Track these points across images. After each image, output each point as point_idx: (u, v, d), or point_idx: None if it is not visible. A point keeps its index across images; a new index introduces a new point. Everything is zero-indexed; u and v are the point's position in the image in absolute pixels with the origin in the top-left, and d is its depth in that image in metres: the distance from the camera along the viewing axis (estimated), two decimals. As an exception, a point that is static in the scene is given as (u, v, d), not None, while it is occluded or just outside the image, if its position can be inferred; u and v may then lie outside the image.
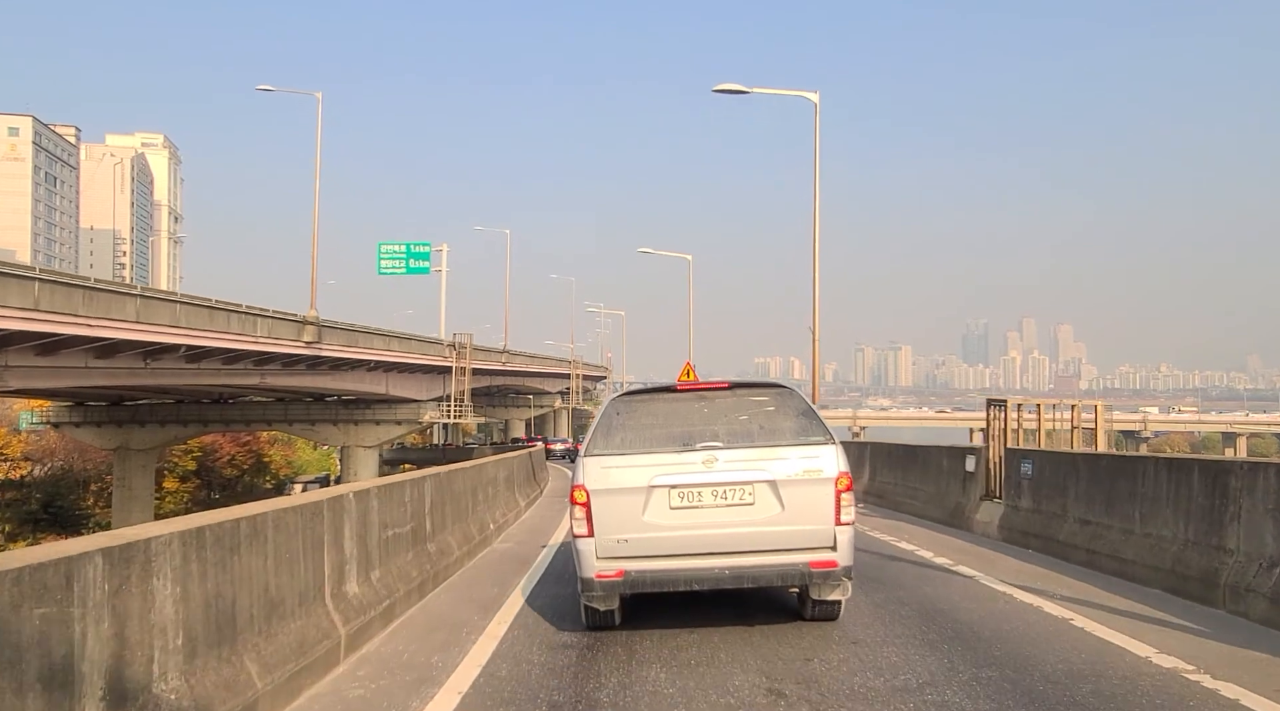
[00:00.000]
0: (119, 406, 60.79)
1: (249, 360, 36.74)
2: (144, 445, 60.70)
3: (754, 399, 6.40)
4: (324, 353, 40.10)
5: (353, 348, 43.19)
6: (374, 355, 46.38)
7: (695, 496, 5.85)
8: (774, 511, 5.82)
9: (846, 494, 5.87)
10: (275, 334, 35.67)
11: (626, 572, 5.83)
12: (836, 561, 5.84)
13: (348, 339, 42.52)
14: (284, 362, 40.12)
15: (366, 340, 44.89)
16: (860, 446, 19.19)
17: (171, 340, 28.77)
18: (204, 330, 30.52)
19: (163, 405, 60.22)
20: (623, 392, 6.71)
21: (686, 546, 5.84)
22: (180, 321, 28.82)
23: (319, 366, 43.51)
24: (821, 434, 6.11)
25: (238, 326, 32.83)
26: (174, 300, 28.89)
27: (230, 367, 36.26)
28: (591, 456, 6.04)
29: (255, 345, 34.56)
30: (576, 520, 5.98)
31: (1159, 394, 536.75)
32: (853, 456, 17.20)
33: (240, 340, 33.35)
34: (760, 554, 5.83)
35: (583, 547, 5.94)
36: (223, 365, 35.81)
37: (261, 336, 34.56)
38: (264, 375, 39.52)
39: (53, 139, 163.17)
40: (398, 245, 58.31)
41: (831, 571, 5.84)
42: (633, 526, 5.84)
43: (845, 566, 5.90)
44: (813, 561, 5.80)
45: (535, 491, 20.12)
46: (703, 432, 6.08)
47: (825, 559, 5.81)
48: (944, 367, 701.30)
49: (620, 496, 5.88)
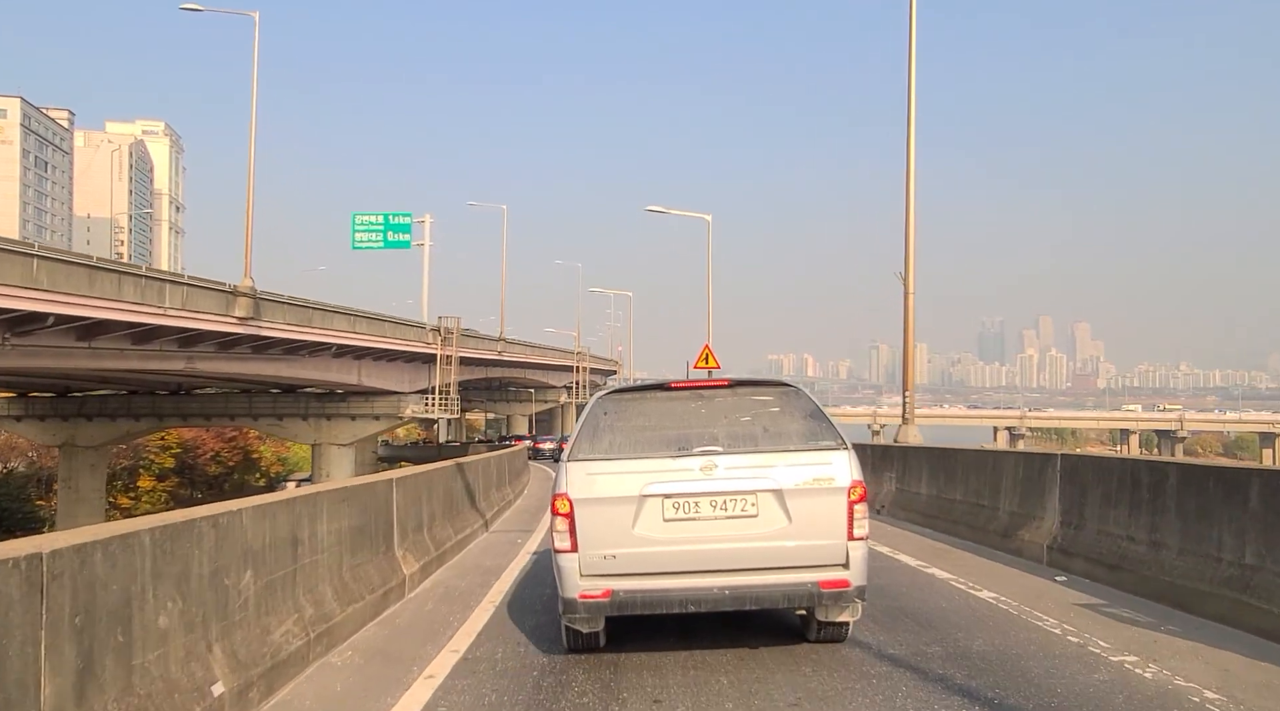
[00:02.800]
0: (65, 399, 54.76)
1: (165, 339, 29.71)
2: (91, 441, 54.53)
3: (757, 398, 5.77)
4: (265, 332, 33.08)
5: (305, 328, 36.14)
6: (336, 337, 39.33)
7: (692, 507, 5.27)
8: (779, 524, 5.25)
9: (860, 505, 5.30)
10: (193, 306, 28.64)
11: (614, 592, 5.22)
12: (849, 581, 5.23)
13: (298, 316, 35.48)
14: (219, 344, 33.14)
15: (324, 320, 37.83)
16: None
17: (29, 306, 21.68)
18: (82, 297, 23.45)
19: (113, 397, 54.35)
20: (610, 390, 6.00)
21: (682, 563, 5.24)
22: (41, 282, 21.76)
23: (268, 350, 36.51)
24: (832, 437, 5.46)
25: (134, 294, 25.75)
26: (30, 253, 21.80)
27: (140, 348, 29.26)
28: (575, 461, 5.42)
29: (164, 319, 27.52)
30: (558, 533, 5.33)
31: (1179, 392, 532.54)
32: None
33: (139, 311, 26.28)
34: (764, 572, 5.23)
35: (564, 564, 5.30)
36: (131, 345, 28.80)
37: (172, 308, 27.53)
38: (191, 359, 32.55)
39: (43, 122, 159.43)
40: (374, 216, 51.25)
41: (843, 592, 5.25)
42: (621, 540, 5.24)
43: (859, 586, 5.30)
44: (823, 581, 5.21)
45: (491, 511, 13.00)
46: (700, 435, 5.48)
47: (836, 578, 5.22)
48: (960, 365, 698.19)
49: (607, 507, 5.28)
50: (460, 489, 11.36)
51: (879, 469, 14.27)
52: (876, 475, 14.36)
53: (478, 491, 12.84)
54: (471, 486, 12.15)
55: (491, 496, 14.50)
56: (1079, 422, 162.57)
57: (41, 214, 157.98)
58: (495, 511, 14.31)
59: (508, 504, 16.52)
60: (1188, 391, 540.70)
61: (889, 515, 13.28)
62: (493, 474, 15.02)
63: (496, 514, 14.39)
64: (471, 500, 12.10)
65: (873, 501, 14.14)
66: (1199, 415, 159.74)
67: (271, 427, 55.21)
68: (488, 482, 14.29)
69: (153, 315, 26.92)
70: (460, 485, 11.35)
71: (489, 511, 13.47)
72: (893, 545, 10.38)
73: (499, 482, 16.41)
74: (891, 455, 13.62)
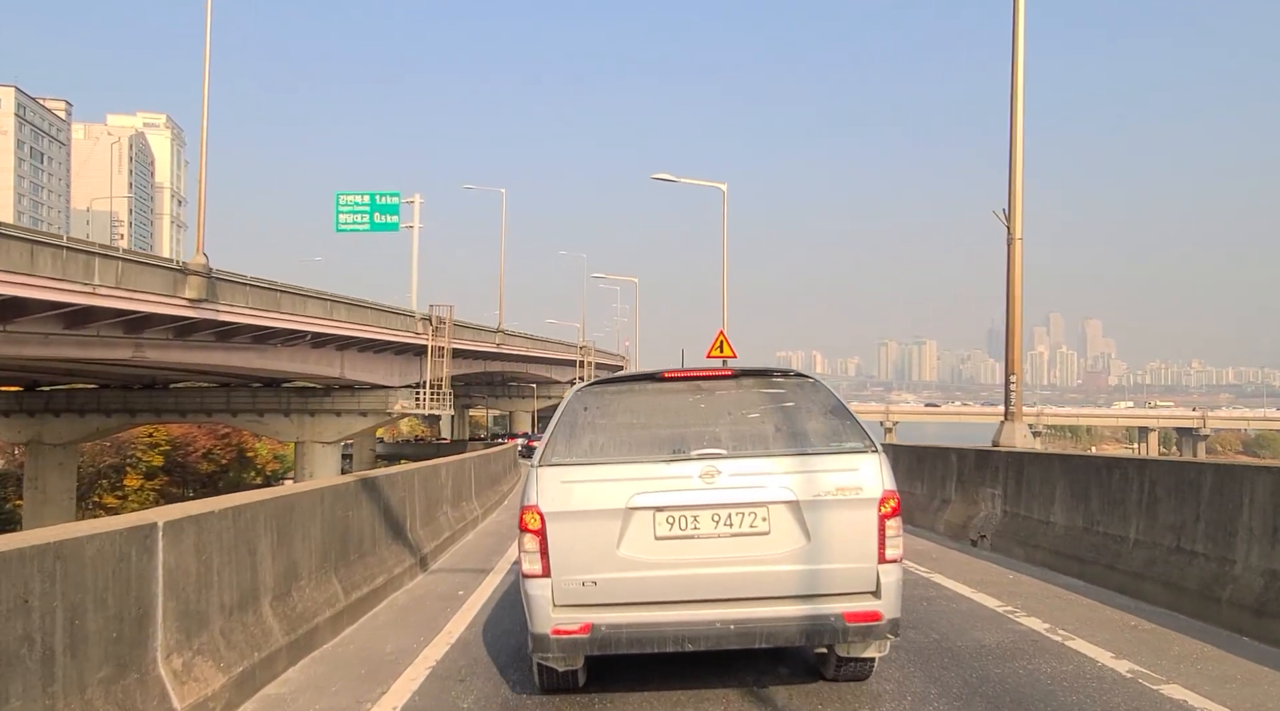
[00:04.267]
0: (32, 393, 51.44)
1: (104, 323, 25.94)
2: (59, 439, 51.14)
3: (767, 391, 4.88)
4: (224, 316, 29.30)
5: (272, 313, 32.36)
6: (311, 325, 35.57)
7: (689, 522, 4.43)
8: (796, 543, 4.41)
9: (893, 520, 4.44)
10: (130, 284, 24.82)
11: (594, 627, 4.35)
12: (880, 612, 4.37)
13: (263, 300, 31.68)
14: (174, 330, 29.41)
15: (295, 305, 34.04)
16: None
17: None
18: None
19: (81, 392, 51.08)
20: (591, 381, 5.13)
21: (677, 590, 4.42)
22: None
23: (233, 337, 32.78)
24: (859, 437, 4.60)
25: (52, 268, 21.97)
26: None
27: (75, 334, 25.53)
28: (549, 466, 4.53)
29: (94, 298, 23.73)
30: (527, 554, 4.45)
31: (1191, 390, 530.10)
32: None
33: (61, 289, 22.52)
34: (777, 602, 4.38)
35: (535, 593, 4.41)
36: (64, 329, 25.07)
37: (104, 286, 23.74)
38: (140, 346, 28.80)
39: (39, 112, 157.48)
40: (360, 195, 47.38)
41: (873, 626, 4.37)
42: (603, 563, 4.40)
43: (891, 619, 4.41)
44: (849, 612, 4.34)
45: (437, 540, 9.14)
46: (700, 435, 4.62)
47: (865, 609, 4.36)
48: (969, 362, 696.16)
49: (587, 522, 4.42)
50: (369, 517, 7.52)
51: (970, 482, 10.42)
52: (966, 490, 10.50)
53: (410, 515, 9.02)
54: (394, 511, 8.32)
55: (442, 518, 10.70)
56: (1097, 420, 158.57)
57: (37, 206, 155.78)
58: (446, 537, 10.52)
59: (473, 522, 12.75)
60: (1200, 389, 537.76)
61: (992, 549, 9.47)
62: (445, 486, 11.21)
63: (448, 541, 10.60)
64: (395, 532, 8.27)
65: (961, 525, 10.28)
66: (1222, 413, 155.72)
67: (251, 424, 51.69)
68: (434, 499, 10.48)
69: (79, 294, 23.15)
70: (368, 512, 7.51)
71: (432, 541, 9.67)
72: (1041, 613, 6.60)
73: (463, 495, 12.62)
74: (993, 464, 9.75)
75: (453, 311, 48.72)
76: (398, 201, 47.80)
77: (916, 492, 12.07)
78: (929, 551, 9.78)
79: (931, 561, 9.08)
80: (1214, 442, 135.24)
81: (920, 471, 12.09)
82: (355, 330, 40.02)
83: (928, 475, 11.82)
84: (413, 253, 47.81)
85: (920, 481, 12.03)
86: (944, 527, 10.79)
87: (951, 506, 10.82)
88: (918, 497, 11.98)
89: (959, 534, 10.32)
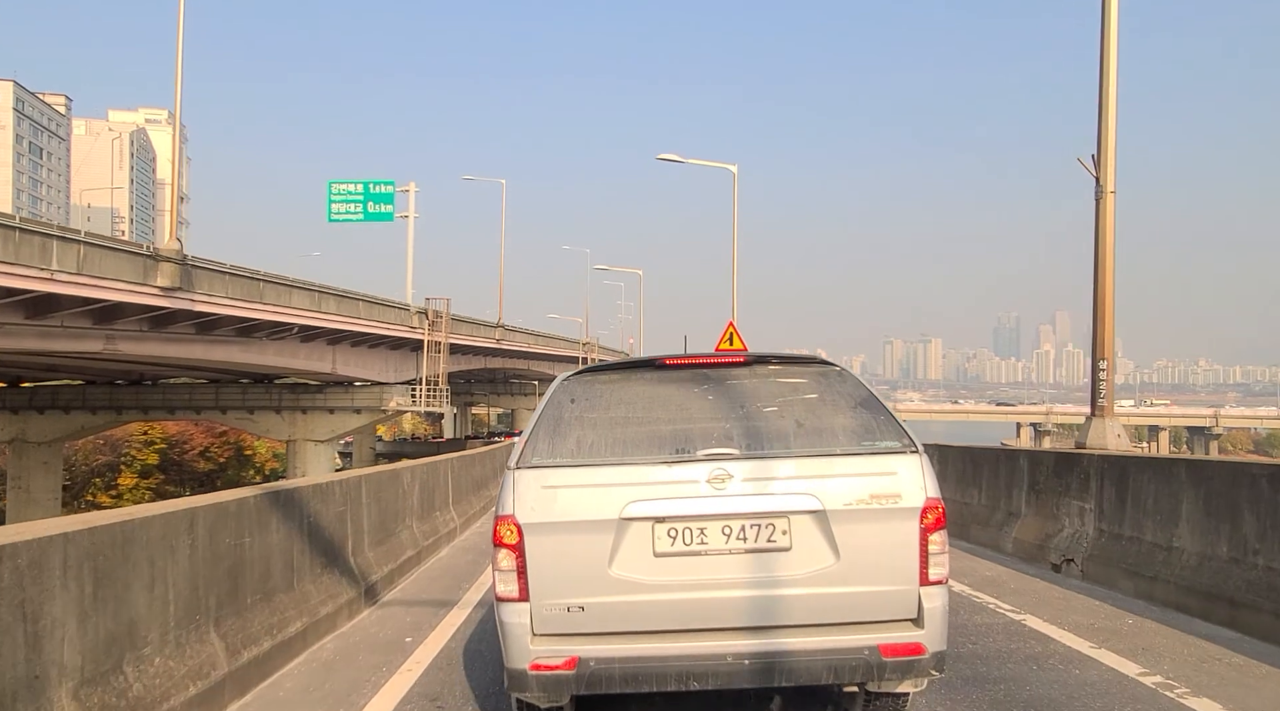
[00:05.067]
0: (15, 389, 49.85)
1: (69, 312, 24.13)
2: (43, 437, 49.50)
3: (786, 381, 4.17)
4: (200, 306, 27.47)
5: (254, 304, 30.52)
6: (298, 317, 33.74)
7: (695, 536, 3.74)
8: (823, 561, 3.72)
9: (937, 534, 3.73)
10: (95, 270, 22.96)
11: (582, 661, 3.65)
12: (922, 645, 3.66)
13: (244, 290, 29.82)
14: (149, 321, 27.58)
15: (280, 295, 32.19)
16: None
17: None
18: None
19: (66, 388, 49.59)
20: (580, 369, 4.33)
21: (680, 617, 3.72)
22: None
23: (214, 329, 30.98)
24: (895, 435, 3.88)
25: (1, 251, 20.11)
26: None
27: (37, 324, 23.70)
28: (528, 469, 3.82)
29: (53, 285, 21.89)
30: (501, 573, 3.75)
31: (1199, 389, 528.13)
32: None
33: (13, 274, 20.68)
34: (799, 632, 3.69)
35: (510, 620, 3.73)
36: (24, 319, 23.27)
37: (63, 272, 21.89)
38: (112, 338, 26.99)
39: (38, 107, 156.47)
40: (353, 184, 45.52)
41: (915, 661, 3.64)
42: (593, 584, 3.71)
43: (935, 652, 3.71)
44: (885, 644, 3.64)
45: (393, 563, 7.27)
46: (707, 432, 3.91)
47: (905, 641, 3.65)
48: (975, 361, 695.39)
49: (573, 535, 3.72)
50: (281, 543, 5.65)
51: (1047, 492, 8.51)
52: (1042, 502, 8.59)
53: (354, 534, 7.15)
54: (325, 531, 6.44)
55: (404, 534, 8.84)
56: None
57: (36, 202, 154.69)
58: (409, 558, 8.68)
59: (448, 535, 10.91)
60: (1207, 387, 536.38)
61: (1084, 578, 7.57)
62: (409, 494, 9.35)
63: (411, 563, 8.75)
64: (327, 558, 6.42)
65: (1037, 545, 8.39)
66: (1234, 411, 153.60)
67: (241, 421, 49.94)
68: (392, 511, 8.64)
69: (34, 280, 21.33)
70: (281, 536, 5.63)
71: (386, 563, 7.81)
72: (1216, 693, 4.72)
73: (435, 504, 10.78)
74: (1081, 470, 7.82)
75: (449, 305, 46.95)
76: (392, 190, 45.94)
77: (973, 502, 10.18)
78: (1002, 579, 7.89)
79: (1012, 594, 7.19)
80: (1224, 442, 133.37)
81: (976, 477, 10.20)
82: (346, 323, 38.21)
83: (987, 482, 9.92)
84: (408, 243, 45.94)
85: (977, 489, 10.14)
86: (1013, 547, 8.90)
87: (1022, 521, 8.91)
88: (974, 509, 10.09)
89: (1034, 555, 8.43)
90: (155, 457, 73.64)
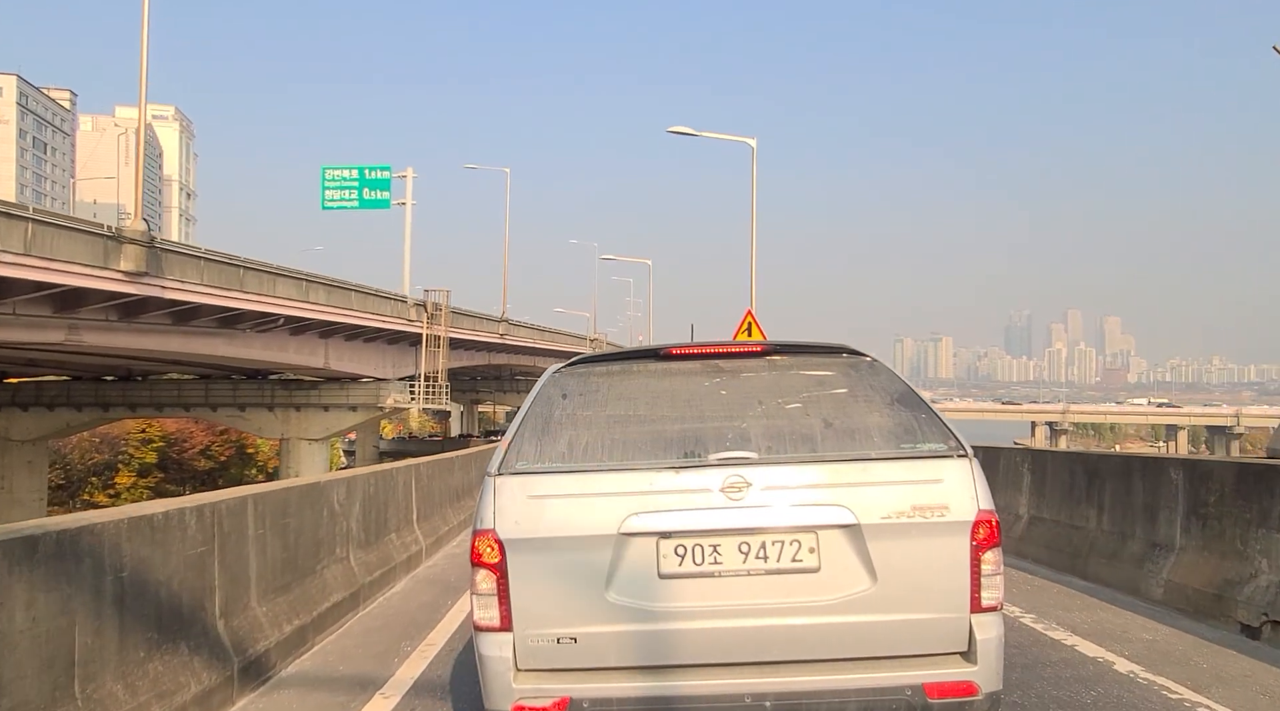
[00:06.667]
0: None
1: (24, 298, 21.93)
2: (27, 435, 47.62)
3: (811, 373, 3.68)
4: (170, 293, 25.25)
5: (237, 293, 28.30)
6: (285, 308, 31.54)
7: (708, 554, 3.24)
8: (857, 584, 3.21)
9: (991, 552, 3.22)
10: (45, 251, 20.73)
11: (574, 702, 3.18)
12: (974, 683, 3.13)
13: (222, 277, 27.58)
14: (117, 310, 25.40)
15: (263, 283, 29.95)
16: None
17: None
18: None
19: (52, 384, 47.83)
20: (573, 360, 3.90)
21: (689, 651, 3.20)
22: None
23: (192, 319, 28.78)
24: (941, 436, 3.37)
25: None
26: None
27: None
28: (512, 475, 3.34)
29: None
30: (480, 597, 3.26)
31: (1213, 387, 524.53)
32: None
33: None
34: (830, 667, 3.17)
35: (491, 652, 3.24)
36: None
37: (8, 253, 19.67)
38: (75, 328, 24.78)
39: (42, 102, 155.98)
40: (348, 169, 43.33)
41: (967, 702, 3.12)
42: (587, 611, 3.22)
43: (991, 692, 3.16)
44: (930, 683, 3.11)
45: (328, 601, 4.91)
46: (721, 433, 3.40)
47: (954, 678, 3.12)
48: (986, 359, 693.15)
49: (564, 553, 3.24)
50: (75, 615, 3.30)
51: (1223, 519, 6.11)
52: (1212, 532, 6.19)
53: (230, 587, 4.80)
54: (166, 586, 4.10)
55: (332, 571, 6.50)
56: (1124, 417, 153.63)
57: (40, 196, 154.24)
58: (337, 603, 6.34)
59: (408, 562, 8.59)
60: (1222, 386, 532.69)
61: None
62: (345, 516, 6.99)
63: (342, 609, 6.41)
64: (172, 629, 4.05)
65: (1213, 595, 5.98)
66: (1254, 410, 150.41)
67: (232, 419, 48.00)
68: (312, 541, 6.30)
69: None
70: (84, 603, 3.27)
71: (293, 618, 5.48)
72: None
73: (389, 524, 8.46)
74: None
75: (449, 296, 44.73)
76: (389, 176, 43.77)
77: (1086, 526, 7.79)
78: (1166, 645, 5.49)
79: (1218, 684, 4.79)
80: (1246, 441, 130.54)
81: (1091, 492, 7.80)
82: (338, 315, 36.01)
83: (1110, 499, 7.51)
84: (405, 231, 43.71)
85: (1093, 507, 7.75)
86: (1164, 592, 6.49)
87: (1179, 557, 6.49)
88: (1090, 534, 7.70)
89: (1207, 608, 6.03)
90: (154, 456, 72.47)
